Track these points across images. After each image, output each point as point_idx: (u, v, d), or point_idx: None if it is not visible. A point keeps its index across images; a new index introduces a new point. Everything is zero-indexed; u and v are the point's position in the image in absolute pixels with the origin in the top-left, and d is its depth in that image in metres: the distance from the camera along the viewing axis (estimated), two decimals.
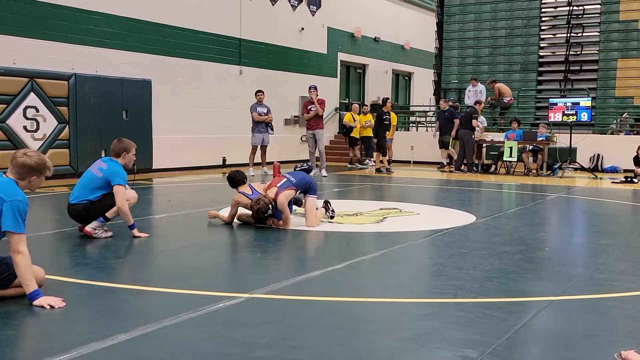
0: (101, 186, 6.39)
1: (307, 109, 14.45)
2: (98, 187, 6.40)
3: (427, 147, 18.94)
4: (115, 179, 6.32)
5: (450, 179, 14.51)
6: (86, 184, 6.46)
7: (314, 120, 14.43)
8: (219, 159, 16.55)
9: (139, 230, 6.45)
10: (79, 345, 3.30)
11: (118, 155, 6.52)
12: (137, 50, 14.52)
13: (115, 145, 6.56)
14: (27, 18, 12.41)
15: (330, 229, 7.23)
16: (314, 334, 3.63)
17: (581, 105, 15.69)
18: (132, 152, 6.60)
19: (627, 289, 4.66)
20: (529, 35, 21.09)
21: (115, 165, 6.44)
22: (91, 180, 6.45)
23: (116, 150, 6.53)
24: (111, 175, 6.36)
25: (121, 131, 13.91)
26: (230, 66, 17.09)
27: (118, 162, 6.48)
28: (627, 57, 19.41)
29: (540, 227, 8.03)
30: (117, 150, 6.53)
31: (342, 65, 22.13)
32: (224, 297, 4.24)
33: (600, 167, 16.97)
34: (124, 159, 6.53)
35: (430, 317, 3.96)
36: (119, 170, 6.41)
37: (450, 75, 22.23)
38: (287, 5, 19.14)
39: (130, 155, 6.57)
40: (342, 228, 7.31)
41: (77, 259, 5.66)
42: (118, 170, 6.41)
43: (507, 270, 5.23)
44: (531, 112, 20.30)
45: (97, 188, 6.40)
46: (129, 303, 4.25)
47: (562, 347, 3.48)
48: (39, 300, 4.00)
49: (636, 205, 10.37)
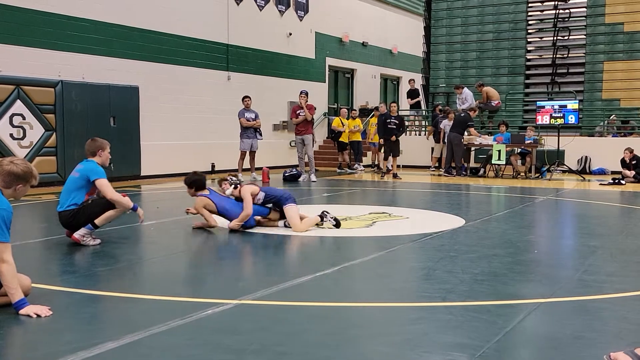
0: (81, 185, 6.37)
1: (296, 114, 14.44)
2: (78, 187, 6.38)
3: (416, 151, 18.99)
4: (92, 175, 6.32)
5: (439, 183, 14.53)
6: (68, 188, 6.46)
7: (302, 125, 14.41)
8: (207, 165, 16.50)
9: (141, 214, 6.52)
10: (67, 354, 3.27)
11: (94, 154, 6.52)
12: (124, 57, 14.47)
13: (90, 145, 6.56)
14: (12, 25, 12.34)
15: (320, 234, 7.22)
16: (304, 339, 3.62)
17: (568, 107, 15.77)
18: (107, 150, 6.61)
19: (616, 291, 4.67)
20: (516, 39, 21.18)
21: (91, 163, 6.44)
22: (71, 183, 6.45)
23: (92, 150, 6.53)
24: (89, 172, 6.35)
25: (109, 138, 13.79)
26: (218, 72, 17.07)
27: (94, 161, 6.47)
28: (613, 59, 19.54)
29: (529, 229, 8.05)
30: (93, 149, 6.53)
31: (330, 70, 22.15)
32: (213, 303, 4.22)
33: (588, 169, 17.06)
34: (101, 157, 6.53)
35: (420, 321, 3.95)
36: (95, 167, 6.40)
37: (438, 80, 22.30)
38: (275, 10, 19.15)
39: (106, 154, 6.57)
40: (331, 233, 7.29)
41: (64, 267, 5.62)
42: (94, 167, 6.40)
43: (497, 273, 5.24)
44: (519, 115, 20.39)
45: (78, 188, 6.38)
46: (117, 311, 4.22)
47: (552, 349, 3.48)
48: (25, 310, 3.96)
49: (624, 207, 10.42)
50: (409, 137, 21.29)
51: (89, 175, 6.34)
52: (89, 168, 6.40)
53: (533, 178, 15.40)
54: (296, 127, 14.57)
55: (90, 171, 6.36)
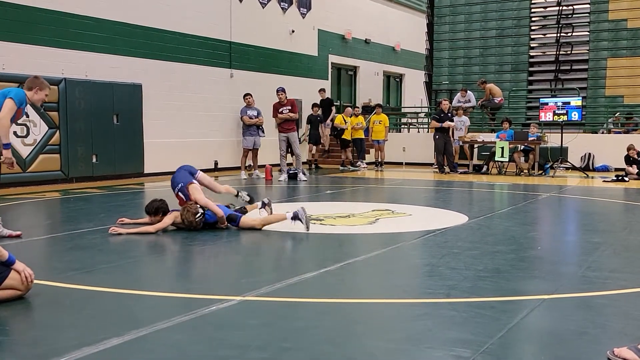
0: None
1: (277, 112, 14.07)
2: None
3: (419, 149, 18.98)
4: (9, 94, 6.17)
5: (442, 180, 14.53)
6: None
7: (287, 123, 14.00)
8: (210, 162, 16.50)
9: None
10: (71, 350, 3.28)
11: (30, 89, 6.40)
12: (127, 55, 14.47)
13: (31, 80, 6.46)
14: (16, 23, 12.35)
15: (323, 230, 7.22)
16: (308, 335, 3.62)
17: (572, 104, 15.75)
18: (45, 93, 6.49)
19: (619, 287, 4.67)
20: (519, 36, 21.15)
21: (19, 90, 6.31)
22: None
23: (29, 85, 6.42)
24: (8, 92, 6.20)
25: (112, 135, 13.92)
26: (221, 69, 17.06)
27: (24, 90, 6.36)
28: (616, 56, 19.50)
29: (533, 226, 8.05)
30: (30, 84, 6.41)
31: (333, 68, 22.12)
32: (217, 300, 4.23)
33: (591, 166, 17.03)
34: (36, 95, 6.41)
35: (424, 317, 3.96)
36: (20, 91, 6.27)
37: (441, 77, 22.27)
38: (278, 7, 19.14)
39: (42, 94, 6.45)
40: (334, 230, 7.30)
41: (68, 263, 5.62)
42: (18, 91, 6.27)
43: (500, 270, 5.24)
44: (522, 112, 20.36)
45: None
46: (121, 307, 4.23)
47: (555, 345, 3.48)
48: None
49: (627, 204, 10.41)
50: (411, 134, 21.31)
51: (6, 93, 6.19)
52: (12, 89, 6.30)
53: (536, 175, 15.38)
54: (280, 125, 14.12)
55: (10, 91, 6.21)
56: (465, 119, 17.50)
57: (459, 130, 17.07)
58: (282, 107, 13.93)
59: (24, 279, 4.18)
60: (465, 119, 17.45)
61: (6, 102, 6.16)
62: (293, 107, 13.92)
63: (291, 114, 13.84)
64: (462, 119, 17.30)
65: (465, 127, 17.37)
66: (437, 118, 16.50)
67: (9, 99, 6.16)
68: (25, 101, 6.35)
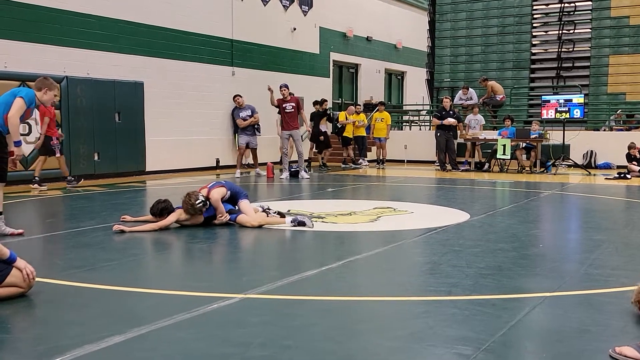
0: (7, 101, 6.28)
1: (281, 107, 14.03)
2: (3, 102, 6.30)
3: (420, 146, 18.96)
4: (20, 94, 6.26)
5: (443, 178, 14.52)
6: None
7: (290, 120, 13.99)
8: (212, 160, 16.51)
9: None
10: (74, 348, 3.28)
11: (39, 89, 6.48)
12: (129, 53, 14.46)
13: (40, 80, 6.53)
14: (18, 21, 12.35)
15: (325, 228, 7.23)
16: (309, 333, 3.63)
17: (574, 102, 15.73)
18: (54, 93, 6.58)
19: (621, 284, 4.66)
20: (520, 33, 21.13)
21: (29, 90, 6.40)
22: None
23: (38, 85, 6.50)
24: (18, 92, 6.29)
25: (114, 133, 13.93)
26: (223, 67, 17.06)
27: (33, 90, 6.43)
28: (618, 53, 19.47)
29: (534, 224, 8.04)
30: (40, 84, 6.49)
31: (334, 65, 22.12)
32: (218, 297, 4.23)
33: (593, 164, 17.01)
34: (45, 95, 6.49)
35: (425, 315, 3.96)
36: (30, 92, 6.35)
37: (443, 74, 22.25)
38: (279, 5, 19.12)
39: (51, 94, 6.53)
40: (336, 228, 7.30)
41: (69, 261, 5.63)
42: (29, 91, 6.36)
43: (501, 267, 5.24)
44: (524, 110, 20.34)
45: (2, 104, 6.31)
46: (123, 305, 4.24)
47: (557, 343, 3.48)
48: None
49: (629, 201, 10.40)
50: (412, 132, 21.30)
51: (17, 92, 6.27)
52: (22, 89, 6.40)
53: (538, 172, 15.36)
54: (284, 122, 14.09)
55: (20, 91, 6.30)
56: (480, 117, 17.38)
57: (473, 129, 17.04)
58: (286, 104, 13.95)
59: (25, 276, 4.19)
60: (480, 118, 17.32)
61: (16, 100, 6.24)
62: (297, 104, 13.96)
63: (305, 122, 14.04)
64: (477, 117, 17.25)
65: (480, 126, 17.22)
66: (438, 115, 16.52)
67: (19, 98, 6.24)
68: (35, 101, 6.44)
